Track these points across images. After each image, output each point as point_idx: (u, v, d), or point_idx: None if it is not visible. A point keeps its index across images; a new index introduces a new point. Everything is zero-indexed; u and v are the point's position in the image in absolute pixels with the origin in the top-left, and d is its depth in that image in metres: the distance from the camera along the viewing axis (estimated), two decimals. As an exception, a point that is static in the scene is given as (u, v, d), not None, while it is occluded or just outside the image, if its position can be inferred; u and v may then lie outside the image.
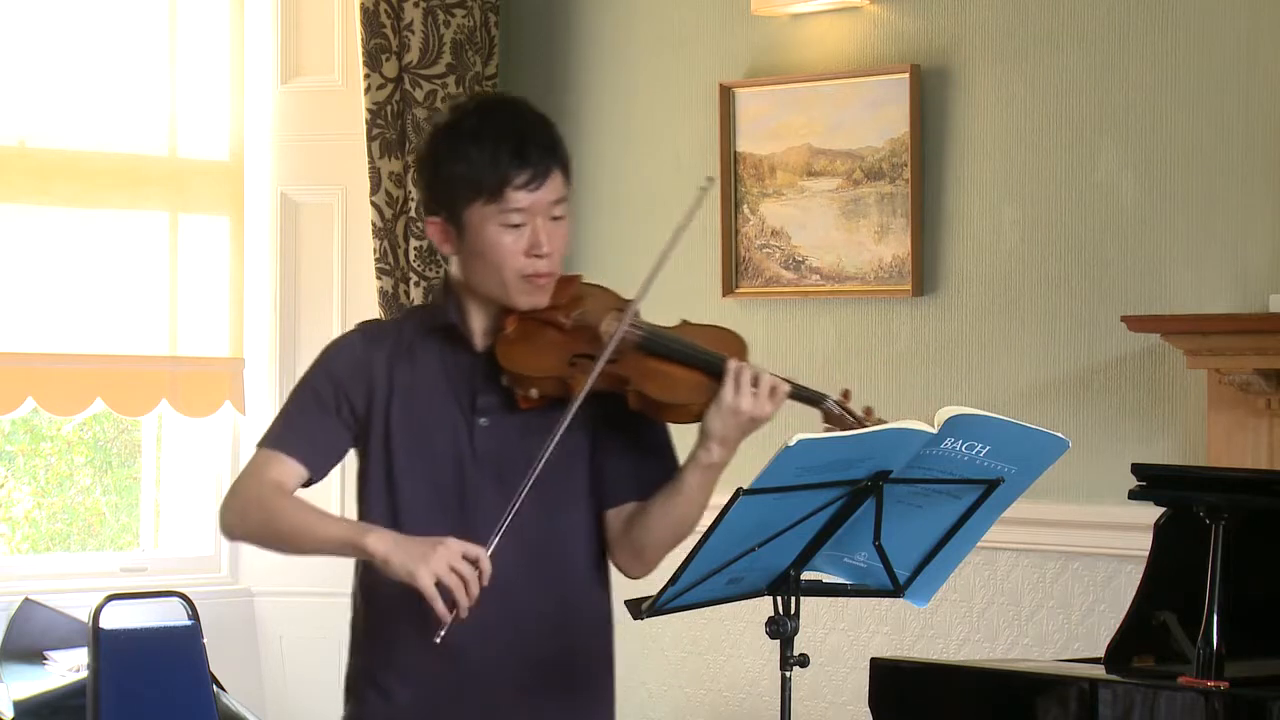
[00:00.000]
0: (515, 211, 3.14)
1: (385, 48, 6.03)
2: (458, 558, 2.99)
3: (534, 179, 3.15)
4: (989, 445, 3.15)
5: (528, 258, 3.15)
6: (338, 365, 3.24)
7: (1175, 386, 4.97)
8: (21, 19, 5.85)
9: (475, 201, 3.15)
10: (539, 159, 3.15)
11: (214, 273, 6.18)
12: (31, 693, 5.34)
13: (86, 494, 6.27)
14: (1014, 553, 5.22)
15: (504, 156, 3.14)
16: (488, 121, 3.19)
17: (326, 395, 3.22)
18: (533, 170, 3.14)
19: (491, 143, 3.15)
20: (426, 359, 3.23)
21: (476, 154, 3.15)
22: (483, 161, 3.14)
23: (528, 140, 3.16)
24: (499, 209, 3.14)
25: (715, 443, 3.13)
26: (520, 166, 3.14)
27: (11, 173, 5.84)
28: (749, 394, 3.10)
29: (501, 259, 3.15)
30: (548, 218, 3.17)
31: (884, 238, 5.48)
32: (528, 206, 3.15)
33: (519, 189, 3.14)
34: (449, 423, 3.19)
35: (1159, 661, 3.69)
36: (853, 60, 5.56)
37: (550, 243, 3.17)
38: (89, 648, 5.26)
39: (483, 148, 3.15)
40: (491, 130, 3.17)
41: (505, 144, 3.14)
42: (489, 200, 3.14)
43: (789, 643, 3.19)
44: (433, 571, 2.97)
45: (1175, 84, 4.99)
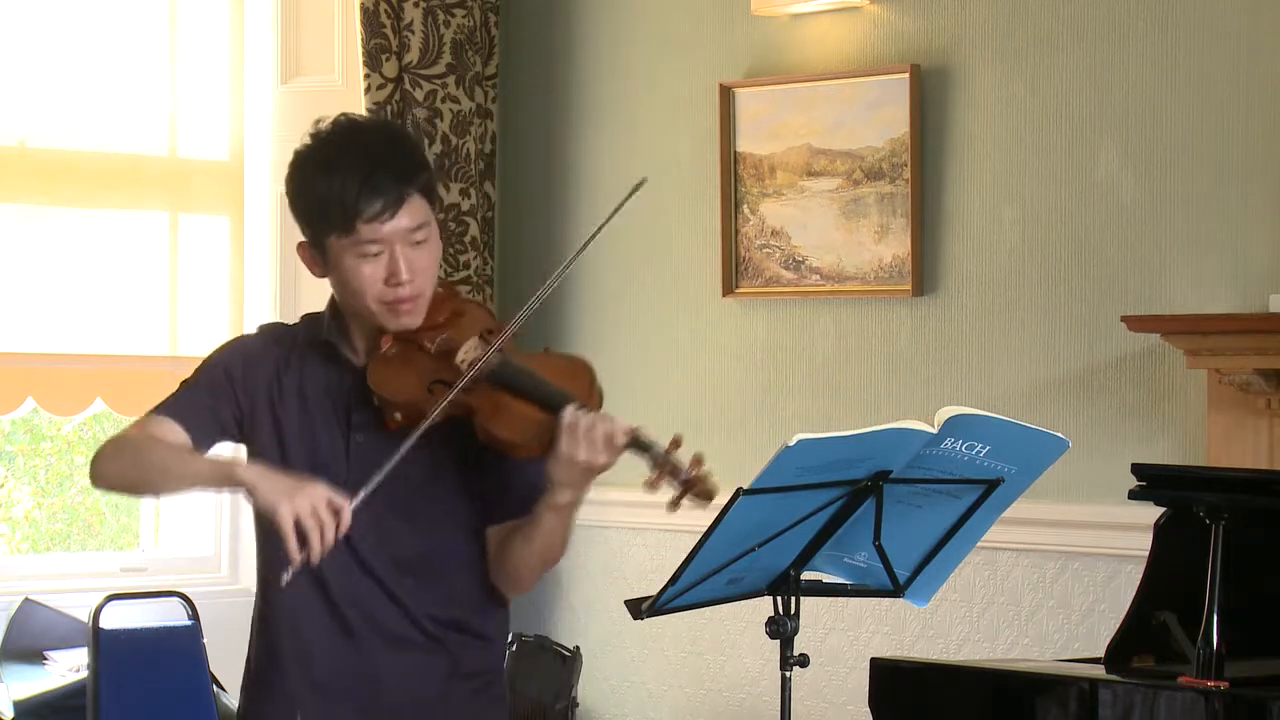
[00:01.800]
0: (369, 243, 3.12)
1: (385, 48, 6.03)
2: (322, 502, 2.98)
3: (385, 209, 3.10)
4: (989, 445, 3.15)
5: (388, 285, 3.13)
6: (233, 360, 3.28)
7: (1175, 386, 4.97)
8: (21, 19, 5.85)
9: (329, 235, 3.14)
10: (391, 187, 3.11)
11: (214, 273, 6.18)
12: (31, 693, 5.34)
13: (86, 494, 6.27)
14: (1014, 553, 5.22)
15: (352, 188, 3.09)
16: (339, 151, 3.14)
17: (218, 382, 3.26)
18: (383, 200, 3.10)
19: (341, 175, 3.10)
20: (312, 370, 3.24)
21: (327, 187, 3.11)
22: (332, 195, 3.11)
23: (379, 169, 3.11)
24: (352, 242, 3.12)
25: (559, 487, 3.10)
26: (370, 198, 3.09)
27: (11, 173, 5.84)
28: (583, 445, 3.04)
29: (361, 288, 3.14)
30: (408, 244, 3.13)
31: (884, 238, 5.48)
32: (382, 238, 3.12)
33: (370, 221, 3.10)
34: (329, 438, 3.21)
35: (1159, 661, 3.69)
36: (853, 60, 5.56)
37: (411, 269, 3.13)
38: (89, 648, 5.26)
39: (333, 180, 3.11)
40: (342, 161, 3.12)
41: (354, 175, 3.10)
42: (341, 234, 3.12)
43: (789, 643, 3.19)
44: (294, 508, 2.97)
45: (1175, 84, 4.99)
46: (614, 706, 6.04)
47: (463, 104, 6.10)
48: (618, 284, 6.03)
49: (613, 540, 6.00)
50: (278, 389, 3.24)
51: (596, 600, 6.06)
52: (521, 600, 6.10)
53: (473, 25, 6.13)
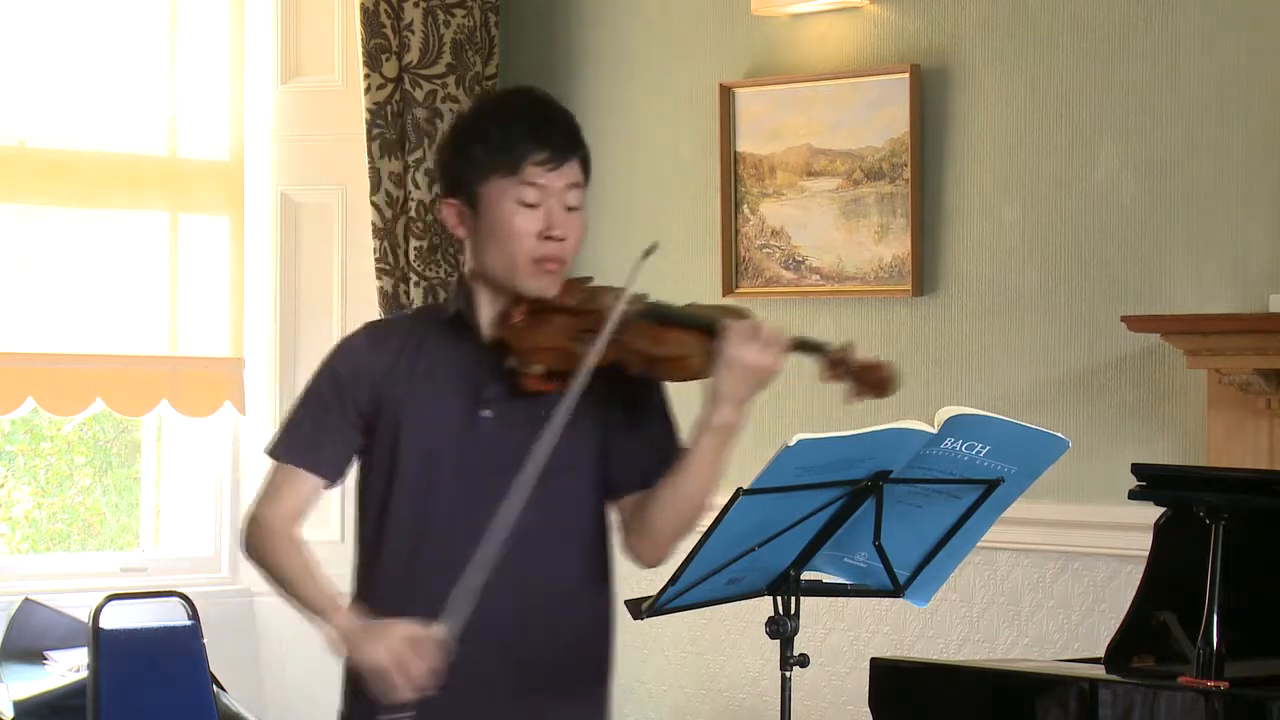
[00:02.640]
0: (531, 188, 3.14)
1: (385, 48, 6.03)
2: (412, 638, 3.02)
3: (551, 159, 3.15)
4: (989, 445, 3.15)
5: (540, 240, 3.15)
6: (341, 366, 3.24)
7: (1175, 386, 4.97)
8: (21, 19, 5.85)
9: (492, 176, 3.15)
10: (559, 143, 3.17)
11: (214, 273, 6.18)
12: (31, 693, 5.34)
13: (86, 494, 6.27)
14: (1014, 553, 5.22)
15: (523, 134, 3.16)
16: (511, 103, 3.26)
17: (331, 398, 3.22)
18: (551, 151, 3.16)
19: (513, 121, 3.18)
20: (432, 353, 3.22)
21: (497, 132, 3.17)
22: (502, 138, 3.16)
23: (549, 124, 3.19)
24: (516, 183, 3.14)
25: (725, 402, 3.10)
26: (539, 146, 3.15)
27: (11, 173, 5.84)
28: (749, 342, 3.07)
29: (514, 237, 3.15)
30: (563, 204, 3.17)
31: (884, 238, 5.48)
32: (544, 185, 3.15)
33: (536, 165, 3.14)
34: (453, 415, 3.18)
35: (1159, 661, 3.69)
36: (853, 60, 5.56)
37: (564, 228, 3.16)
38: (89, 648, 5.26)
39: (503, 126, 3.18)
40: (513, 111, 3.21)
41: (525, 123, 3.17)
42: (505, 174, 3.14)
43: (789, 643, 3.19)
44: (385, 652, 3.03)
45: (1175, 84, 4.99)
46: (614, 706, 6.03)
47: (463, 104, 6.09)
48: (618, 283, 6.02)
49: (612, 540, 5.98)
50: (397, 373, 3.21)
51: (596, 600, 6.05)
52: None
53: (473, 25, 6.13)
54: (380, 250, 6.04)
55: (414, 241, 6.02)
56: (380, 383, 3.20)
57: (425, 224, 6.02)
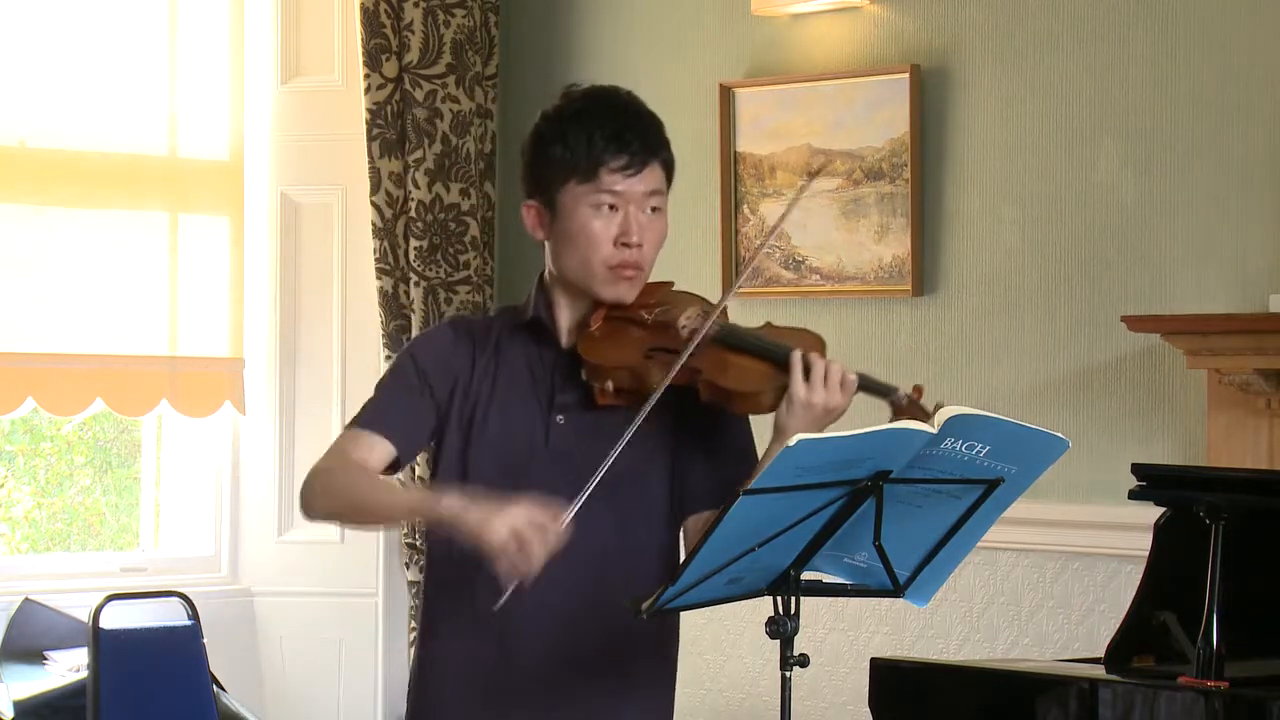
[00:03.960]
0: (608, 194, 3.12)
1: (385, 48, 6.03)
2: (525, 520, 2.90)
3: (630, 165, 3.13)
4: (989, 445, 3.15)
5: (616, 246, 3.12)
6: (423, 354, 3.22)
7: (1175, 386, 4.97)
8: (21, 19, 5.85)
9: (569, 181, 3.14)
10: (638, 148, 3.14)
11: (214, 273, 6.18)
12: (31, 693, 5.35)
13: (86, 494, 6.27)
14: (1014, 553, 5.22)
15: (601, 139, 3.13)
16: (591, 106, 3.20)
17: (413, 380, 3.19)
18: (629, 156, 3.13)
19: (592, 124, 3.15)
20: (511, 355, 3.20)
21: (575, 135, 3.15)
22: (580, 142, 3.14)
23: (629, 128, 3.16)
24: (592, 189, 3.12)
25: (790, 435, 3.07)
26: (617, 151, 3.13)
27: (11, 173, 5.84)
28: (820, 386, 3.06)
29: (590, 244, 3.13)
30: (642, 208, 3.14)
31: (884, 238, 5.48)
32: (622, 191, 3.13)
33: (614, 172, 3.12)
34: (527, 419, 3.17)
35: (1159, 661, 3.69)
36: (853, 60, 5.56)
37: (642, 234, 3.13)
38: (89, 648, 5.26)
39: (582, 129, 3.15)
40: (594, 114, 3.18)
41: (604, 128, 3.14)
42: (582, 180, 3.13)
43: (789, 643, 3.18)
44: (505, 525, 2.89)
45: (1175, 84, 4.99)
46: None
47: (463, 104, 6.10)
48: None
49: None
50: (476, 371, 3.19)
51: (596, 600, 6.05)
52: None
53: (473, 25, 6.13)
54: (380, 250, 6.04)
55: (414, 241, 6.02)
56: (459, 378, 3.18)
57: (425, 224, 6.03)
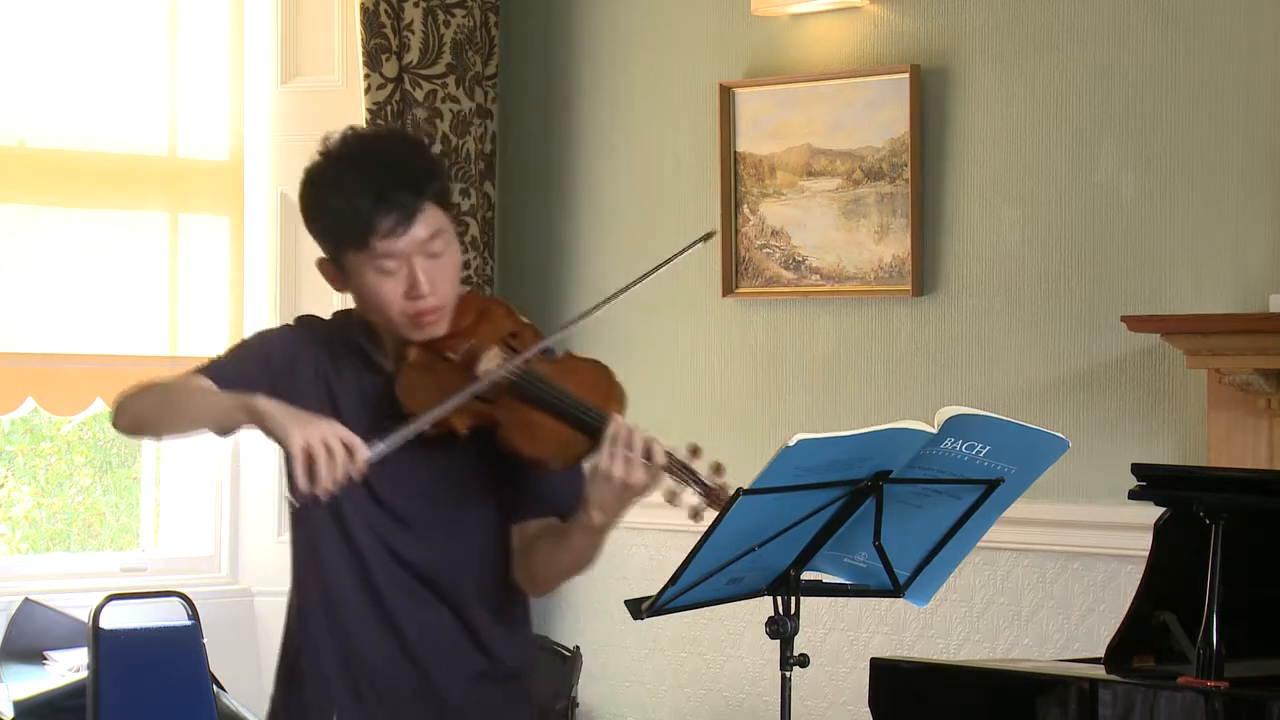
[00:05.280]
0: (386, 258, 3.10)
1: (385, 48, 6.03)
2: (334, 435, 2.95)
3: (399, 223, 3.08)
4: (989, 445, 3.15)
5: (408, 299, 3.11)
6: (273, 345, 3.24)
7: (1175, 386, 4.97)
8: (21, 19, 5.85)
9: (347, 251, 3.11)
10: (404, 201, 3.08)
11: (214, 273, 6.18)
12: (31, 693, 5.35)
13: (86, 494, 6.27)
14: (1014, 553, 5.22)
15: (365, 205, 3.07)
16: (350, 167, 3.13)
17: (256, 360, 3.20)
18: (397, 215, 3.07)
19: (353, 192, 3.09)
20: (347, 374, 3.22)
21: (339, 205, 3.10)
22: (346, 213, 3.09)
23: (390, 183, 3.09)
24: (369, 256, 3.10)
25: (594, 507, 3.09)
26: (384, 213, 3.07)
27: (11, 173, 5.84)
28: (621, 460, 3.04)
29: (383, 304, 3.12)
30: (425, 256, 3.11)
31: (884, 238, 5.48)
32: (398, 252, 3.09)
33: (385, 237, 3.08)
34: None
35: (1159, 661, 3.69)
36: (853, 60, 5.56)
37: (430, 281, 3.11)
38: (89, 648, 5.26)
39: (345, 198, 3.09)
40: (353, 178, 3.11)
41: (366, 193, 3.08)
42: (358, 249, 3.10)
43: (789, 643, 3.19)
44: (306, 436, 2.93)
45: (1175, 84, 5.00)
46: (614, 706, 6.04)
47: (463, 104, 6.10)
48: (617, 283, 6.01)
49: (613, 540, 5.94)
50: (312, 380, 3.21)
51: (596, 600, 6.05)
52: (521, 600, 6.11)
53: (473, 25, 6.13)
54: (380, 250, 6.04)
55: (414, 241, 6.02)
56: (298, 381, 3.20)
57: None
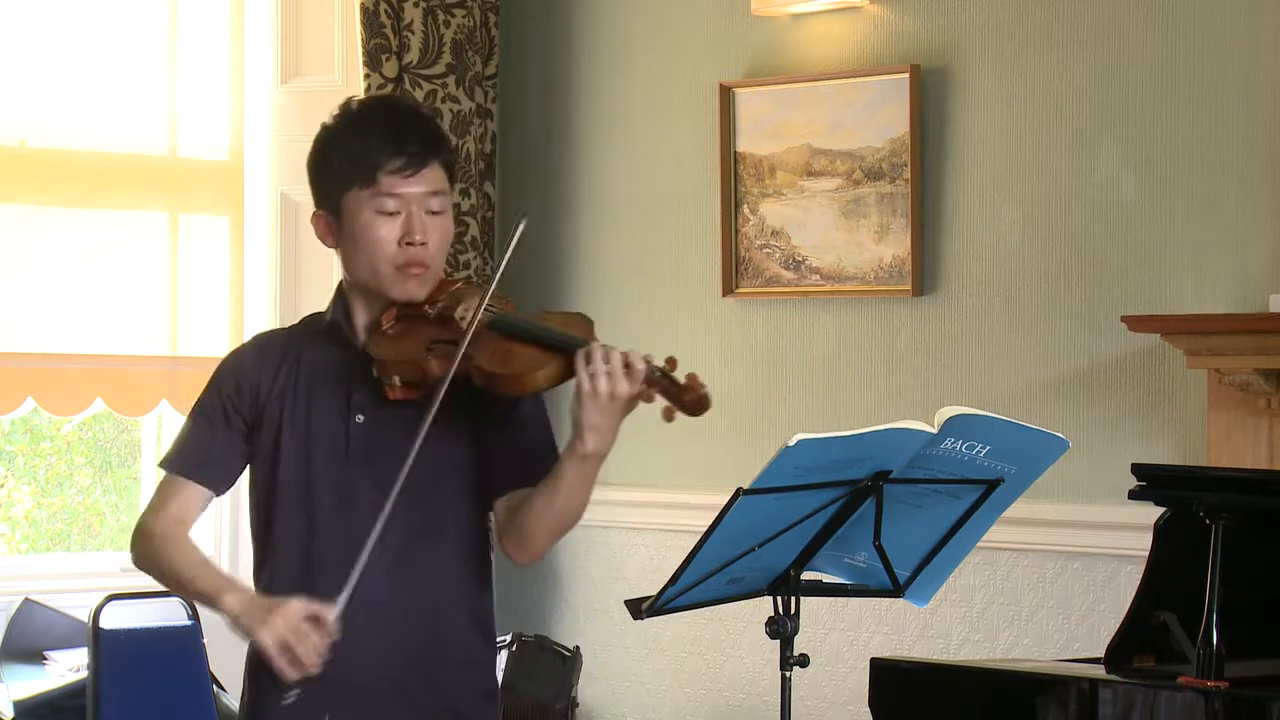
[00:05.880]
0: (389, 197, 3.17)
1: (385, 48, 6.03)
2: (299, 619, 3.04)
3: (408, 166, 3.17)
4: (989, 445, 3.16)
5: (401, 246, 3.17)
6: (224, 379, 3.30)
7: (1175, 386, 4.97)
8: (21, 19, 5.85)
9: (351, 188, 3.19)
10: (415, 149, 3.18)
11: (214, 273, 6.18)
12: (31, 693, 5.35)
13: (86, 494, 6.27)
14: (1014, 553, 5.22)
15: (377, 142, 3.18)
16: (368, 113, 3.26)
17: (215, 411, 3.28)
18: (407, 158, 3.17)
19: (368, 130, 3.20)
20: (313, 361, 3.27)
21: (352, 142, 3.20)
22: (357, 148, 3.19)
23: (404, 129, 3.20)
24: (373, 194, 3.17)
25: (586, 431, 3.07)
26: (394, 153, 3.17)
27: (11, 173, 5.84)
28: (603, 374, 3.04)
29: (375, 246, 3.18)
30: (424, 209, 3.19)
31: (884, 238, 5.48)
32: (402, 194, 3.17)
33: (392, 174, 3.17)
34: (328, 421, 3.23)
35: (1159, 661, 3.69)
36: (853, 60, 5.56)
37: (426, 233, 3.18)
38: (89, 648, 5.26)
39: (359, 135, 3.20)
40: (369, 120, 3.23)
41: (380, 131, 3.19)
42: (363, 185, 3.17)
43: (789, 643, 3.19)
44: (275, 633, 3.03)
45: (1175, 84, 5.00)
46: (614, 706, 6.04)
47: (463, 104, 6.10)
48: (617, 283, 6.04)
49: (613, 540, 5.99)
50: (277, 384, 3.25)
51: (596, 600, 6.06)
52: (522, 600, 6.12)
53: (473, 25, 6.13)
54: (380, 250, 6.04)
55: (414, 241, 6.02)
56: (262, 394, 3.26)
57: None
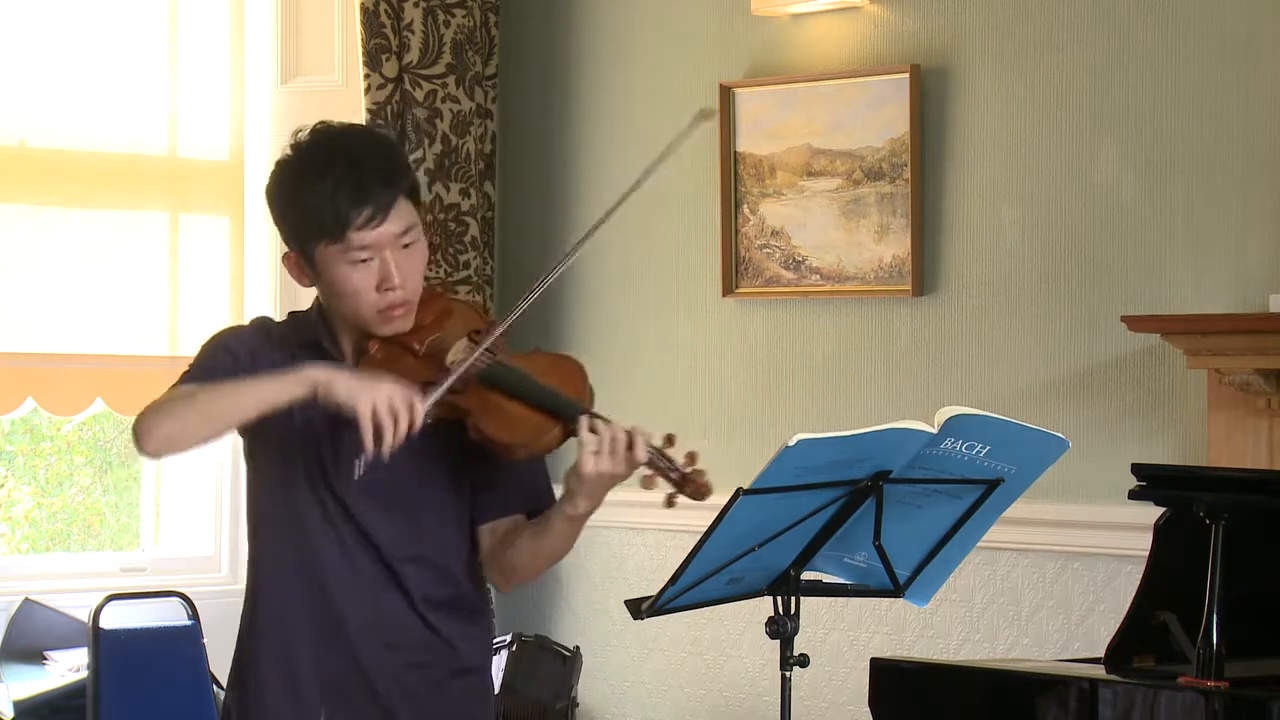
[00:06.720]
0: (360, 249, 3.13)
1: (385, 48, 6.03)
2: (398, 395, 3.01)
3: (375, 214, 3.12)
4: (989, 445, 3.16)
5: (380, 292, 3.15)
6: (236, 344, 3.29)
7: (1175, 386, 4.97)
8: (21, 19, 5.85)
9: (320, 242, 3.14)
10: (379, 193, 3.13)
11: (214, 273, 6.18)
12: (31, 693, 5.35)
13: (86, 494, 6.27)
14: (1014, 553, 5.22)
15: (342, 197, 3.11)
16: (324, 160, 3.15)
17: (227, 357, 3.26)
18: (373, 207, 3.12)
19: (329, 183, 3.12)
20: None
21: (314, 196, 3.13)
22: (322, 204, 3.12)
23: (365, 176, 3.13)
24: (344, 248, 3.13)
25: (579, 498, 3.10)
26: (359, 205, 3.11)
27: (11, 173, 5.84)
28: (606, 454, 3.04)
29: (354, 295, 3.15)
30: (397, 248, 3.15)
31: (884, 238, 5.48)
32: (372, 243, 3.13)
33: (360, 229, 3.12)
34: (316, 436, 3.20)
35: (1159, 661, 3.69)
36: (853, 60, 5.56)
37: (402, 273, 3.15)
38: (89, 648, 5.26)
39: (321, 189, 3.12)
40: (328, 170, 3.14)
41: (343, 185, 3.11)
42: (332, 241, 3.13)
43: (789, 643, 3.19)
44: (372, 400, 2.99)
45: (1175, 84, 5.00)
46: (614, 706, 6.04)
47: (463, 104, 6.10)
48: (617, 283, 6.04)
49: (613, 540, 5.99)
50: None
51: (596, 600, 6.06)
52: (522, 600, 6.12)
53: (473, 25, 6.13)
54: (380, 250, 6.04)
55: (414, 241, 6.01)
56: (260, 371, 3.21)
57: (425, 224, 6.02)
